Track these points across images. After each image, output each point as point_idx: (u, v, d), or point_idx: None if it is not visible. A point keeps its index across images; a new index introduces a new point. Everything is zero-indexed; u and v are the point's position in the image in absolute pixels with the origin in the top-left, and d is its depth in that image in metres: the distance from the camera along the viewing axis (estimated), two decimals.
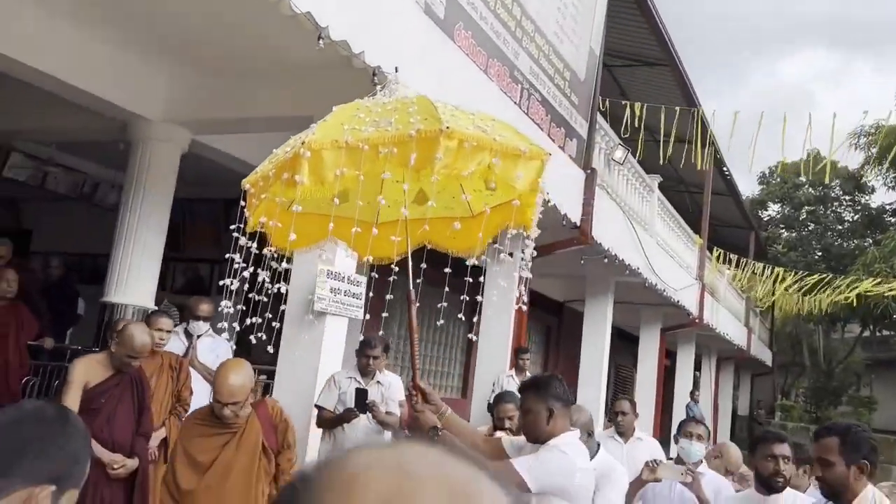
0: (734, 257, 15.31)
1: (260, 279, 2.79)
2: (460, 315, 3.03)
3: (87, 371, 3.65)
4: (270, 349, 3.06)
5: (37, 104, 6.18)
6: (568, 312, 13.98)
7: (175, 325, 5.01)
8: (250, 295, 2.87)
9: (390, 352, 9.89)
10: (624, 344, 15.99)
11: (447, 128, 2.35)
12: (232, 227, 2.66)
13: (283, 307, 2.96)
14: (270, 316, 2.99)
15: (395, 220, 2.76)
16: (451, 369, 11.27)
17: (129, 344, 3.59)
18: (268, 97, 5.39)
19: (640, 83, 11.58)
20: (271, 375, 5.34)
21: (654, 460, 3.87)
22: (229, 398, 2.91)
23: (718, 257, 14.59)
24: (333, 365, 5.09)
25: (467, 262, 3.07)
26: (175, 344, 5.15)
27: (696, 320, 12.62)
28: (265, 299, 2.87)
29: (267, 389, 5.34)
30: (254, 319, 2.90)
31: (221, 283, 2.71)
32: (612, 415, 5.33)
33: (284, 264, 2.75)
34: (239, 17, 4.59)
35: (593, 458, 3.67)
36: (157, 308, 5.27)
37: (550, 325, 14.26)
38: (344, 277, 5.20)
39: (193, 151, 6.33)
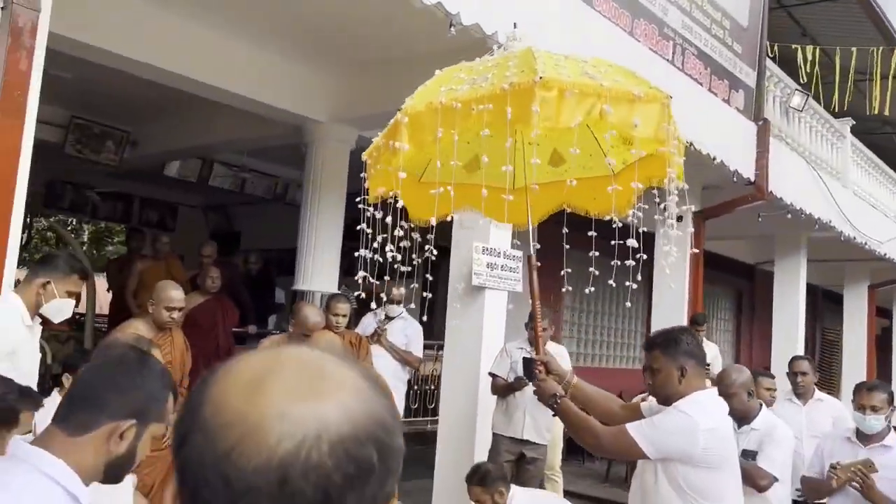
0: None
1: (425, 255, 2.89)
2: (628, 283, 2.84)
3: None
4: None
5: (227, 118, 6.99)
6: (760, 275, 13.13)
7: (352, 309, 5.51)
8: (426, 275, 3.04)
9: (566, 323, 9.98)
10: (830, 306, 14.72)
11: (541, 77, 2.18)
12: (357, 199, 2.68)
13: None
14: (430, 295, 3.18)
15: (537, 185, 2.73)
16: (632, 340, 11.09)
17: (304, 323, 4.04)
18: (417, 87, 5.68)
19: (822, 21, 10.55)
20: (442, 347, 5.70)
21: (835, 465, 3.48)
22: None
23: None
24: (496, 336, 5.29)
25: (635, 229, 2.85)
26: (371, 324, 5.78)
27: None
28: (430, 277, 3.00)
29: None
30: (425, 295, 3.03)
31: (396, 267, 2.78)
32: (789, 376, 5.04)
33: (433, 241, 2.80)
34: (378, 13, 4.90)
35: (755, 419, 3.55)
36: (335, 293, 5.76)
37: (742, 289, 13.50)
38: (499, 252, 5.38)
39: (362, 146, 6.82)
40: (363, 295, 3.04)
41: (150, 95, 6.76)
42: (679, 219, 8.21)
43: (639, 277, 2.68)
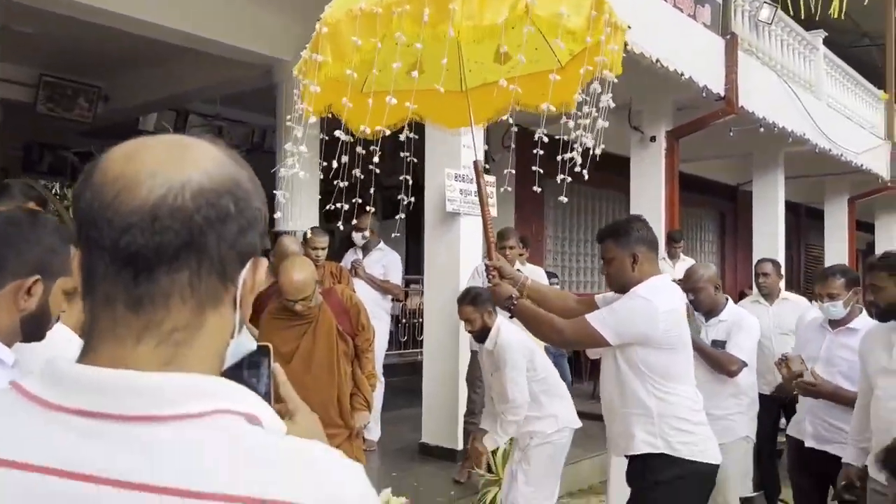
0: None
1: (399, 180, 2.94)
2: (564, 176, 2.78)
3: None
4: None
5: (198, 65, 6.97)
6: (742, 196, 13.26)
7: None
8: (400, 197, 3.08)
9: (549, 252, 10.10)
10: (814, 223, 14.91)
11: None
12: (294, 110, 2.60)
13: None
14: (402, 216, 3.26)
15: (482, 85, 2.74)
16: None
17: (283, 253, 4.16)
18: None
19: None
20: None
21: (781, 358, 3.58)
22: (297, 295, 3.17)
23: None
24: (473, 260, 5.43)
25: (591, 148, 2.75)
26: (350, 257, 5.99)
27: (889, 184, 11.46)
28: (407, 199, 3.03)
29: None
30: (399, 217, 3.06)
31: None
32: (755, 278, 5.21)
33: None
34: None
35: (722, 312, 3.70)
36: (313, 227, 5.84)
37: (724, 210, 13.65)
38: (472, 178, 5.47)
39: None
40: (341, 226, 3.12)
41: (119, 47, 6.73)
42: (652, 139, 8.31)
43: (585, 174, 2.71)
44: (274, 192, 6.38)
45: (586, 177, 2.68)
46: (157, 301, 0.68)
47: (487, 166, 2.87)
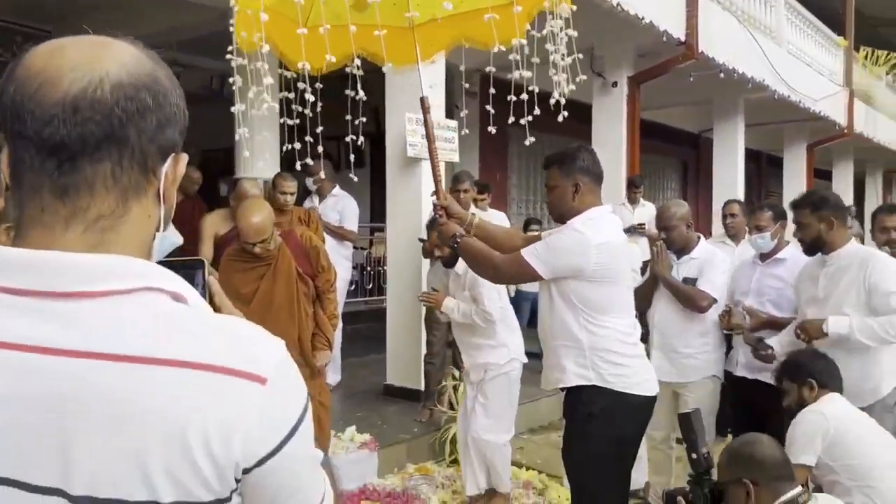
0: None
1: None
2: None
3: (215, 224, 4.32)
4: None
5: (153, 8, 6.78)
6: (704, 143, 13.42)
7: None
8: (348, 139, 3.05)
9: (513, 201, 10.17)
10: (774, 171, 15.18)
11: None
12: (230, 48, 2.52)
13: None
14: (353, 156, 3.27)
15: (430, 21, 2.70)
16: None
17: (243, 195, 4.16)
18: None
19: None
20: None
21: (724, 311, 3.64)
22: (256, 237, 3.19)
23: (869, 57, 13.15)
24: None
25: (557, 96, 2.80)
26: (307, 204, 5.89)
27: (846, 131, 11.68)
28: (356, 138, 3.00)
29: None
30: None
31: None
32: (722, 219, 5.30)
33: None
34: None
35: (694, 250, 3.72)
36: (280, 172, 5.79)
37: (687, 159, 13.83)
38: (433, 123, 5.47)
39: None
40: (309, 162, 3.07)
41: None
42: (614, 84, 8.32)
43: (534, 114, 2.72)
44: (235, 136, 6.35)
45: (561, 118, 2.68)
46: (81, 189, 0.71)
47: (455, 109, 2.87)
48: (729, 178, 10.02)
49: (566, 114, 2.72)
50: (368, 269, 8.05)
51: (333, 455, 4.17)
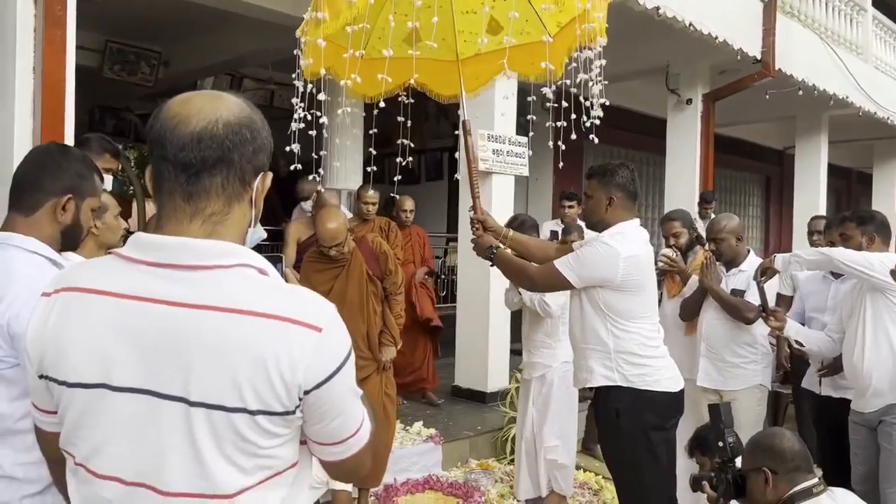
0: None
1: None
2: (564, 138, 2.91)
3: (298, 231, 4.74)
4: None
5: (252, 31, 7.36)
6: (789, 160, 13.15)
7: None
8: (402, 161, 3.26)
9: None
10: (864, 188, 14.67)
11: None
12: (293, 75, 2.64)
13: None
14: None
15: (475, 56, 2.93)
16: (650, 214, 11.26)
17: (321, 204, 4.55)
18: None
19: None
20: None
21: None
22: (331, 241, 3.50)
23: None
24: (504, 217, 5.72)
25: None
26: None
27: None
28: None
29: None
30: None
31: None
32: (808, 236, 5.27)
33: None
34: None
35: (743, 262, 3.84)
36: (363, 184, 6.20)
37: (770, 175, 13.57)
38: (505, 139, 5.76)
39: None
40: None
41: (178, 15, 7.15)
42: (689, 101, 8.42)
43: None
44: (319, 153, 6.84)
45: (595, 140, 2.87)
46: (201, 195, 1.05)
47: (470, 134, 3.05)
48: (811, 195, 9.86)
49: (595, 139, 2.87)
50: (442, 276, 8.38)
51: (401, 447, 4.50)
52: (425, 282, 5.87)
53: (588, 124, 2.86)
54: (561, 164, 3.71)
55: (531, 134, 3.21)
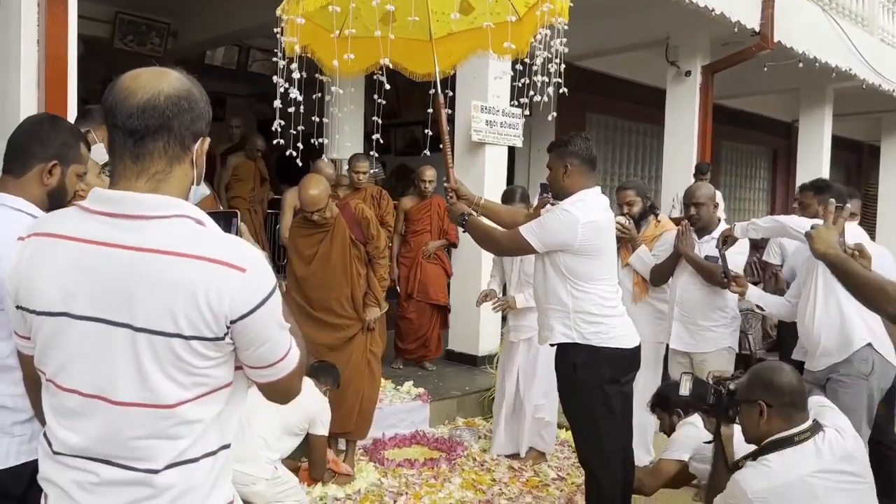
0: None
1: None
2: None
3: (294, 199, 4.94)
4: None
5: (257, 3, 7.50)
6: (797, 133, 13.14)
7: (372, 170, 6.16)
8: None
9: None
10: (876, 161, 14.61)
11: None
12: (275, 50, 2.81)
13: None
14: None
15: (448, 35, 3.09)
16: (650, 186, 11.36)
17: (312, 171, 4.75)
18: None
19: None
20: None
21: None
22: (312, 206, 3.69)
23: None
24: (497, 188, 5.89)
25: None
26: None
27: None
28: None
29: None
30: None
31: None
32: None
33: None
34: None
35: (715, 230, 3.95)
36: (356, 153, 6.36)
37: (777, 147, 13.55)
38: (498, 110, 5.90)
39: None
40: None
41: None
42: (687, 73, 8.46)
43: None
44: (322, 119, 7.00)
45: (552, 116, 3.00)
46: (146, 157, 1.24)
47: (449, 111, 3.19)
48: (814, 168, 9.89)
49: (555, 114, 3.03)
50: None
51: (391, 404, 4.74)
52: (440, 253, 5.96)
53: (544, 98, 3.01)
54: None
55: (524, 99, 3.23)
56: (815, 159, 9.92)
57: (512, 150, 6.93)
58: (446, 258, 6.05)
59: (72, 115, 3.67)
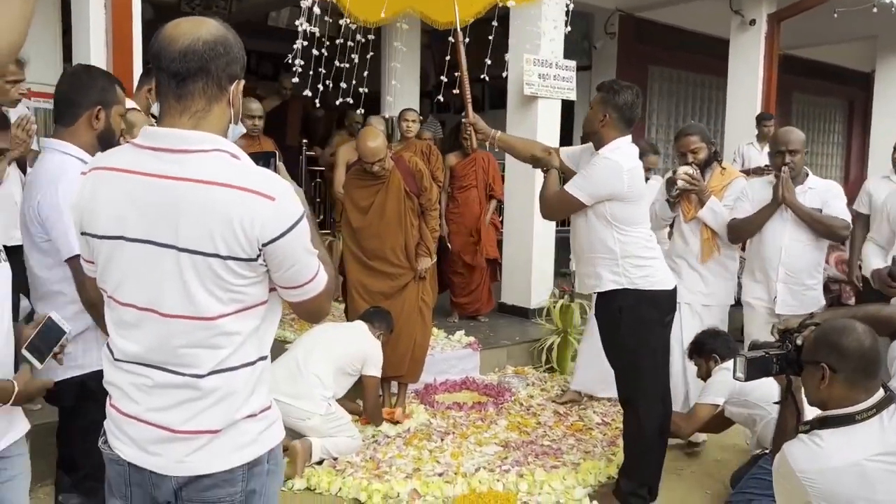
0: None
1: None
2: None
3: (347, 154, 5.11)
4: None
5: None
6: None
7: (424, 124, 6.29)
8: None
9: (658, 141, 10.26)
10: None
11: None
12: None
13: None
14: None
15: None
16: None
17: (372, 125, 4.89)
18: None
19: None
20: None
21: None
22: (372, 157, 3.84)
23: None
24: (550, 142, 5.91)
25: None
26: None
27: None
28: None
29: (503, 168, 6.38)
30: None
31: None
32: (894, 152, 4.70)
33: None
34: None
35: (807, 180, 3.63)
36: (407, 107, 6.43)
37: (854, 98, 12.96)
38: (551, 63, 5.89)
39: None
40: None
41: None
42: (752, 22, 8.26)
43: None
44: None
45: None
46: (187, 97, 1.38)
47: (466, 39, 3.24)
48: (891, 120, 9.47)
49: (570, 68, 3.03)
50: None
51: (442, 351, 4.91)
52: (494, 218, 6.07)
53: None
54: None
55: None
56: (892, 111, 9.46)
57: (570, 105, 6.90)
58: (497, 220, 6.16)
59: (137, 74, 3.90)
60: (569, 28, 4.48)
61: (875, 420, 1.96)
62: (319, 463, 3.50)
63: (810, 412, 2.14)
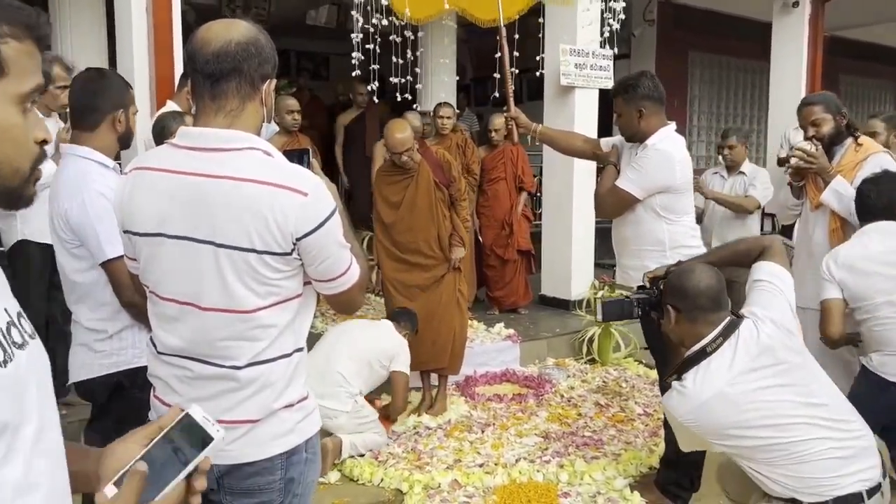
0: None
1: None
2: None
3: (384, 150, 5.16)
4: None
5: None
6: None
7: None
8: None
9: (695, 128, 10.08)
10: None
11: None
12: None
13: None
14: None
15: None
16: (754, 126, 10.78)
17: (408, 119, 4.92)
18: None
19: None
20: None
21: None
22: (400, 147, 3.85)
23: None
24: (587, 133, 5.86)
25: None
26: None
27: None
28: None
29: (541, 160, 6.35)
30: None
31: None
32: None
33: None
34: None
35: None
36: (442, 102, 6.45)
37: None
38: (588, 53, 5.84)
39: None
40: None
41: None
42: (795, 4, 8.07)
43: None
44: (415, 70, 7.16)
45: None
46: (221, 96, 1.43)
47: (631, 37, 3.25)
48: None
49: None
50: (539, 194, 8.60)
51: (482, 344, 4.93)
52: (525, 210, 6.06)
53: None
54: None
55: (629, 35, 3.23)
56: None
57: (607, 94, 6.83)
58: (529, 212, 6.13)
59: (177, 76, 4.00)
60: (617, 26, 4.47)
61: (726, 347, 2.17)
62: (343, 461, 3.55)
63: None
